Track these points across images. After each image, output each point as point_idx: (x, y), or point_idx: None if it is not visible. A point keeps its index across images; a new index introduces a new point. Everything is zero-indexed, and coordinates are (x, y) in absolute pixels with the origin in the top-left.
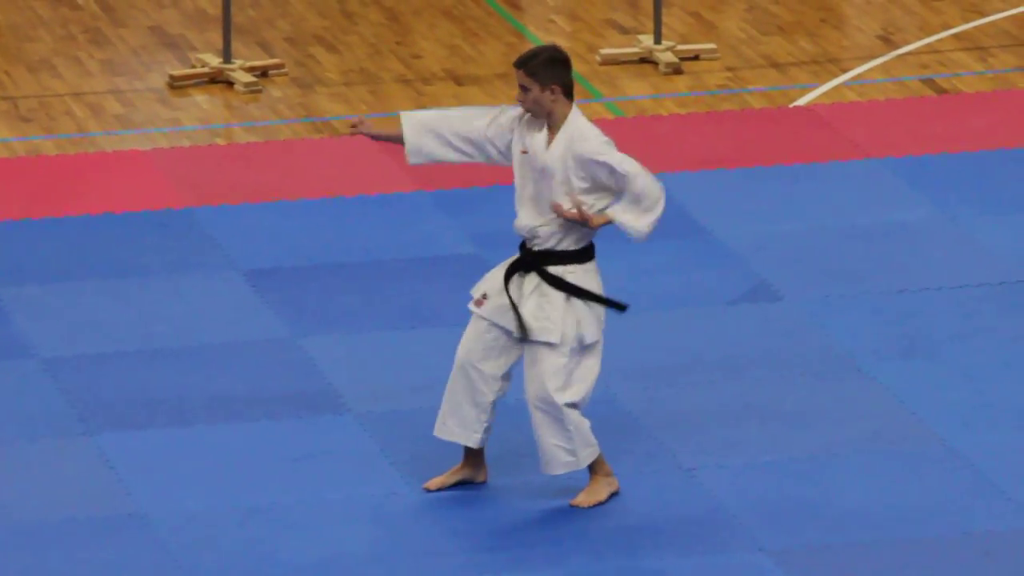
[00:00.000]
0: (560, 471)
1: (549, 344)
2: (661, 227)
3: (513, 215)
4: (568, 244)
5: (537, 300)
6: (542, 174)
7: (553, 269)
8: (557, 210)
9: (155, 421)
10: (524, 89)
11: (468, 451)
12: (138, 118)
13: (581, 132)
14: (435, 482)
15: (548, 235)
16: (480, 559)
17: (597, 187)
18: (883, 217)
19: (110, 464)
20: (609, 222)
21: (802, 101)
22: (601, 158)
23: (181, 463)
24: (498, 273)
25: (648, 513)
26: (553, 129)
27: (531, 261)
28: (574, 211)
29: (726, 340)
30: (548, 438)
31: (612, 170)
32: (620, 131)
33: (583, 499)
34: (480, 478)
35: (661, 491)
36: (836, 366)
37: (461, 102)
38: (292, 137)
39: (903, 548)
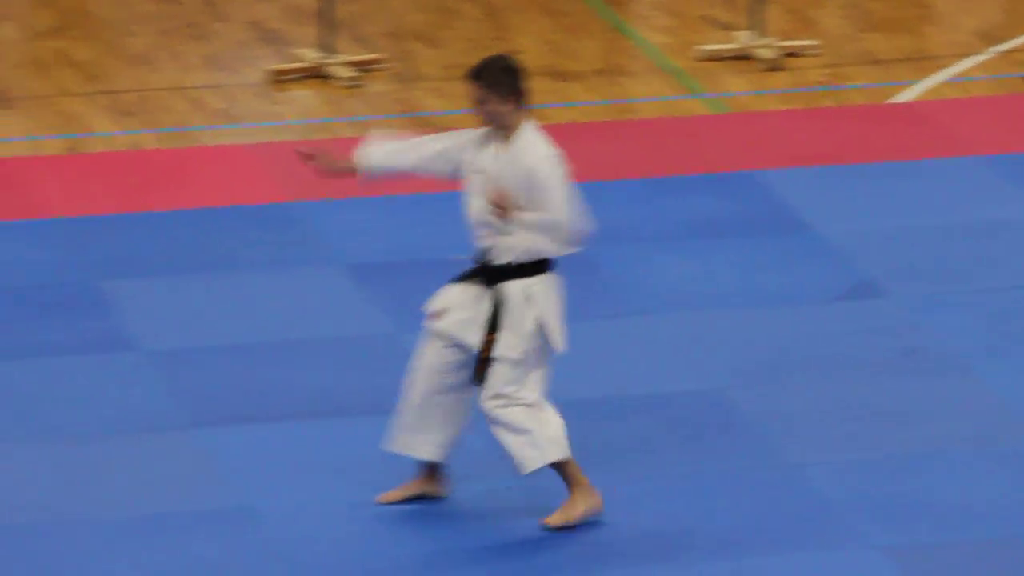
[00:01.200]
0: (529, 469)
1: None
2: (764, 224)
3: (612, 211)
4: (526, 256)
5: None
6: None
7: (514, 284)
8: (492, 199)
9: (260, 415)
10: (480, 102)
11: (428, 464)
12: (239, 113)
13: (531, 143)
14: (390, 496)
15: (506, 249)
16: (586, 553)
17: (532, 203)
18: (984, 214)
19: (216, 458)
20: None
21: (902, 98)
22: (540, 175)
23: (286, 457)
24: (457, 288)
25: (757, 510)
26: (507, 141)
27: (491, 276)
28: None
29: (829, 337)
30: (509, 437)
31: (544, 191)
32: (720, 127)
33: (557, 517)
34: (440, 492)
35: (769, 488)
36: (939, 364)
37: (560, 98)
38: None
39: (1016, 546)
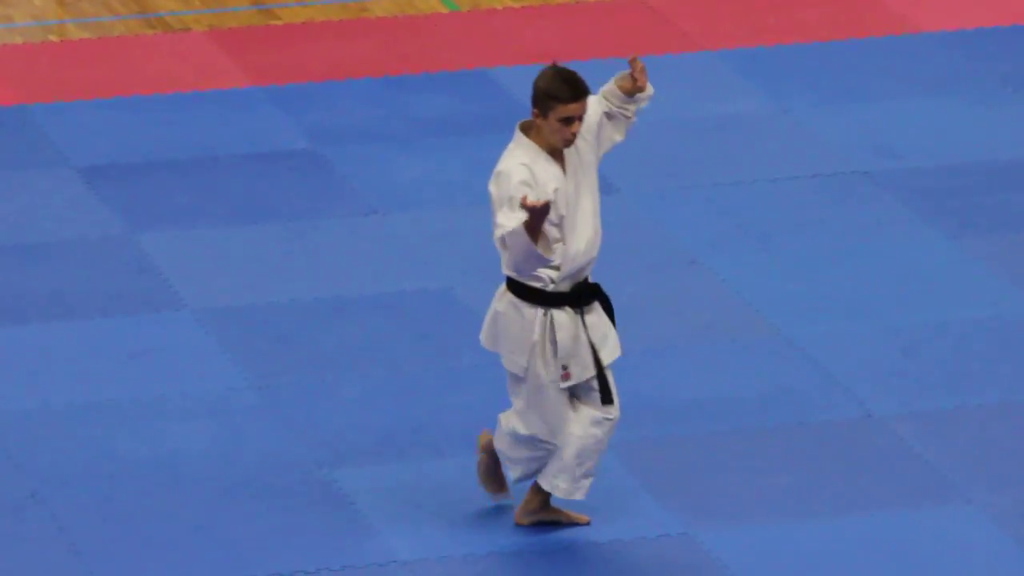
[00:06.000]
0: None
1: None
2: (497, 122)
3: (347, 110)
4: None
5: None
6: (586, 177)
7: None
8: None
9: None
10: (580, 120)
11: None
12: None
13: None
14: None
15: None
16: (319, 454)
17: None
18: (717, 109)
19: None
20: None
21: None
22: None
23: (15, 361)
24: (567, 333)
25: (491, 409)
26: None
27: (591, 293)
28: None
29: None
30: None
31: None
32: (454, 25)
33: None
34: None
35: (500, 383)
36: (672, 258)
37: None
38: (126, 33)
39: (741, 439)
